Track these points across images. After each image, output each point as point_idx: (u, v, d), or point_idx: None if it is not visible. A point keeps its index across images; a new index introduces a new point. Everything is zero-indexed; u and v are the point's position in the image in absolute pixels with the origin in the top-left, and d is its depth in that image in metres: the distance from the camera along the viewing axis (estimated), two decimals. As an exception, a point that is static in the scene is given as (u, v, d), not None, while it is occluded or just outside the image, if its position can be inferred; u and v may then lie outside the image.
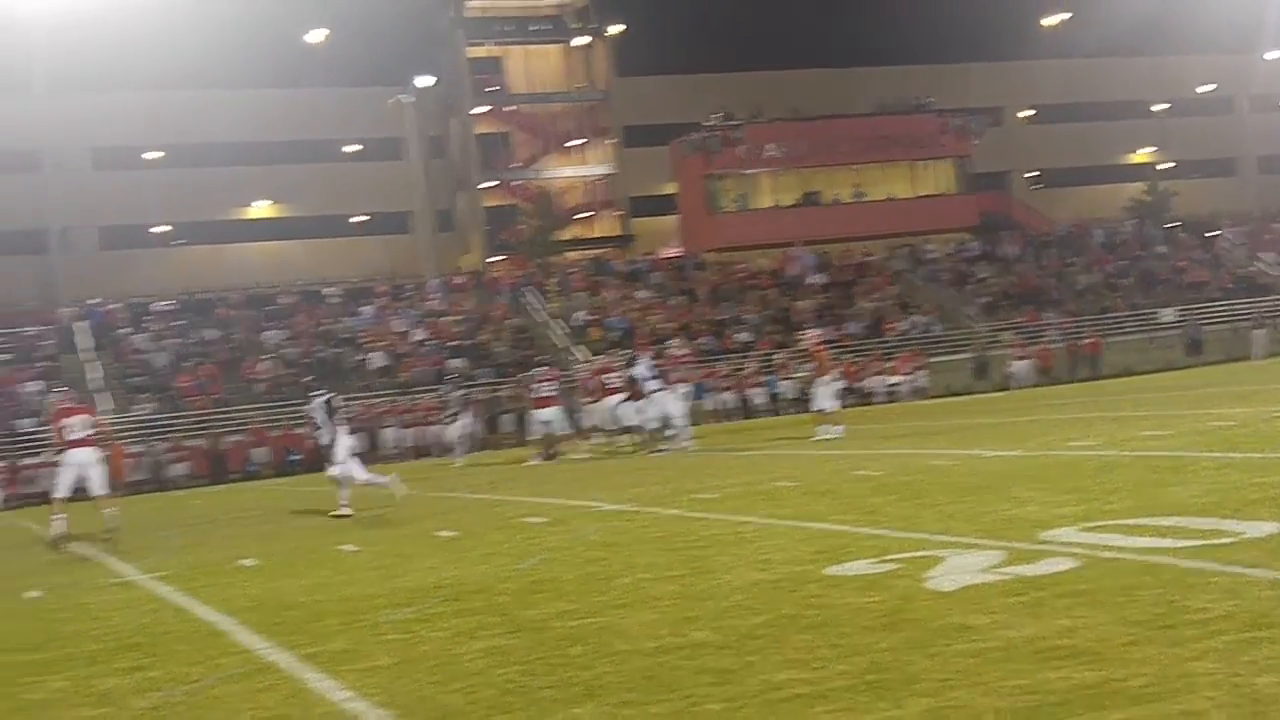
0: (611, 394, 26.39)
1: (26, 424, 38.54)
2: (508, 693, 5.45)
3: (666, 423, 24.75)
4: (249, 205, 61.29)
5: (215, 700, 6.03)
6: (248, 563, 12.00)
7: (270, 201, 61.39)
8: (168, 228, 60.15)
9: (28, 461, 35.15)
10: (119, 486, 34.71)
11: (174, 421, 39.54)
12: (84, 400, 23.36)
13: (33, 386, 40.51)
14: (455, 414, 31.02)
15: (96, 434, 16.54)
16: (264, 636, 7.62)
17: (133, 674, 6.90)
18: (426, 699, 5.55)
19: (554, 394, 26.51)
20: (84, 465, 16.08)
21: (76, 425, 16.23)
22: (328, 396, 17.01)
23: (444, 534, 12.65)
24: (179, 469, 37.09)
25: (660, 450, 24.05)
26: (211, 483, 35.56)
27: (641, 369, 25.19)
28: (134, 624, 8.78)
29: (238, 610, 8.80)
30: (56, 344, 44.26)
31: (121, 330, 45.34)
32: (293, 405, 40.58)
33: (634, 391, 25.17)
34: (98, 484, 16.15)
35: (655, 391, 24.77)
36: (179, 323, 46.16)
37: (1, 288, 49.77)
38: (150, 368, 43.37)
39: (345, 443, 16.76)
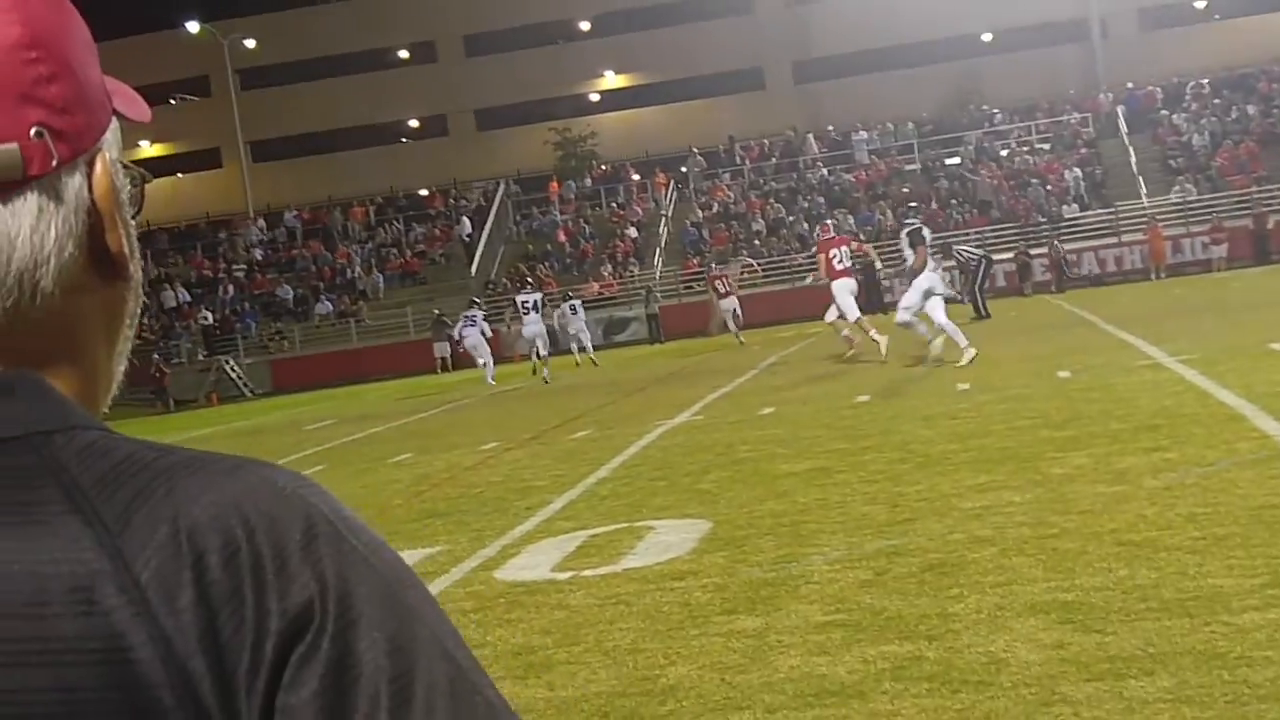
0: None
1: (1072, 210, 40.12)
2: None
3: None
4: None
5: (1227, 484, 6.11)
6: (1278, 346, 11.66)
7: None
8: (1205, 2, 57.96)
9: (1069, 247, 36.80)
10: (1159, 270, 35.18)
11: (1213, 202, 38.66)
12: (846, 232, 24.70)
13: (1071, 174, 41.83)
14: None
15: (855, 263, 17.61)
16: (1284, 424, 7.49)
17: (1150, 454, 7.18)
18: None
19: None
20: (848, 292, 16.97)
21: (843, 255, 17.19)
22: (915, 227, 15.30)
23: None
24: (1217, 250, 36.26)
25: None
26: (1253, 264, 34.31)
27: None
28: (1156, 406, 9.04)
29: (1260, 396, 8.68)
30: (1095, 130, 45.03)
31: (1159, 112, 44.92)
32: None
33: None
34: (851, 309, 16.97)
35: None
36: (1217, 101, 44.62)
37: (1045, 78, 51.35)
38: (1188, 149, 42.60)
39: (921, 283, 14.77)
